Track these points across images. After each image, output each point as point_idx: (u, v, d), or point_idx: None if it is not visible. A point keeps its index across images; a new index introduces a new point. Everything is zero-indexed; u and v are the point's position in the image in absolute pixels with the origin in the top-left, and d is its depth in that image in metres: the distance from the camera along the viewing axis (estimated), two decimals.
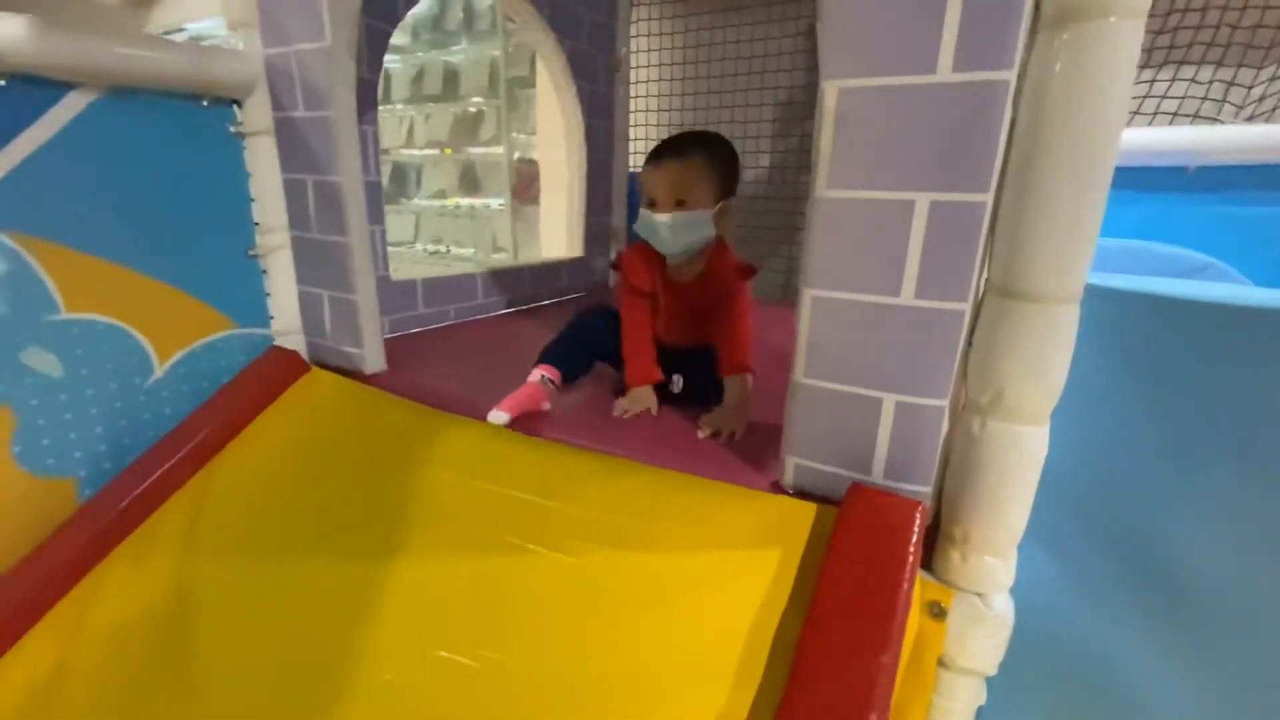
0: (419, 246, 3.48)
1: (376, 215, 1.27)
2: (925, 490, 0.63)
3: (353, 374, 1.10)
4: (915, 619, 0.62)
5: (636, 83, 2.01)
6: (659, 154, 0.94)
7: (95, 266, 0.91)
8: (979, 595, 0.61)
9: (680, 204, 0.92)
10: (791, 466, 0.70)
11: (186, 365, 1.04)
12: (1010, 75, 0.50)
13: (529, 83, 2.70)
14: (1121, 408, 0.71)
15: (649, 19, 1.92)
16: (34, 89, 0.81)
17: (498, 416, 0.90)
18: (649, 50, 1.95)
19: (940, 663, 0.63)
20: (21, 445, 0.87)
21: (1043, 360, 0.54)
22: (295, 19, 0.97)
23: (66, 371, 0.90)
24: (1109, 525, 0.72)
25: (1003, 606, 0.61)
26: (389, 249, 1.37)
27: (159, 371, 1.00)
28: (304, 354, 1.14)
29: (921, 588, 0.62)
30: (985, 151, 0.52)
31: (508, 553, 0.74)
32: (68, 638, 0.79)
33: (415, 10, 3.14)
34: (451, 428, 0.90)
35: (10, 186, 0.81)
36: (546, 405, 0.96)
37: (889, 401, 0.62)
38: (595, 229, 2.00)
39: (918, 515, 0.59)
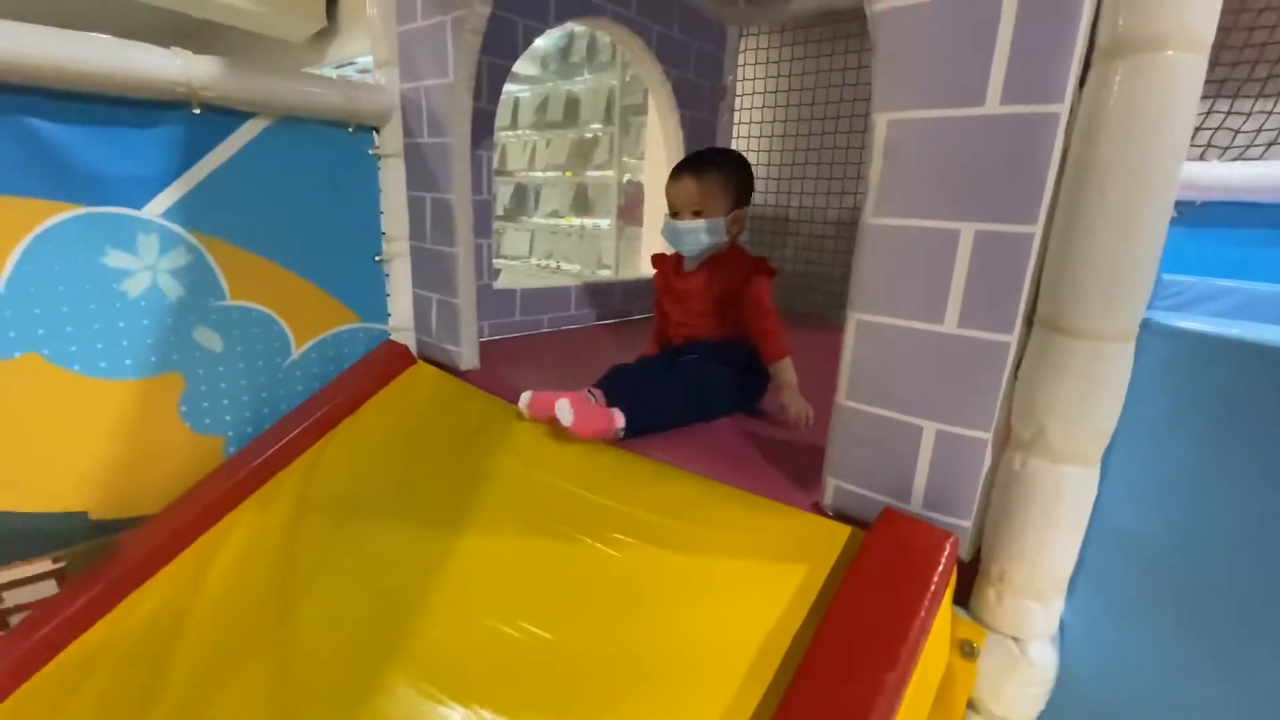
0: (532, 261, 3.71)
1: (484, 230, 1.41)
2: (964, 524, 0.62)
3: (450, 369, 1.23)
4: (945, 654, 0.60)
5: (740, 110, 2.05)
6: (680, 171, 1.09)
7: (255, 262, 1.09)
8: (1015, 639, 0.59)
9: (698, 214, 1.06)
10: (832, 488, 0.71)
11: (317, 351, 1.21)
12: (1060, 109, 0.50)
13: (641, 110, 2.83)
14: (1222, 469, 0.64)
15: (757, 48, 1.96)
16: (221, 117, 1.00)
17: (564, 417, 0.90)
18: (754, 79, 1.99)
19: (972, 706, 0.61)
20: (187, 406, 1.06)
21: (1087, 399, 0.52)
22: (426, 58, 1.12)
23: (225, 348, 1.08)
24: (1201, 599, 0.66)
25: (1041, 655, 0.58)
26: (506, 261, 1.51)
27: (295, 354, 1.18)
28: (412, 348, 1.29)
29: (954, 624, 0.61)
30: (1033, 183, 0.52)
31: (558, 540, 0.80)
32: (201, 570, 0.95)
33: (545, 44, 3.40)
34: (524, 423, 0.99)
35: (198, 195, 1.01)
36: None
37: (929, 429, 0.62)
38: None
39: (947, 545, 0.58)
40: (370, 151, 1.20)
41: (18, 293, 0.87)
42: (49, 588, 0.96)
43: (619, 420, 0.92)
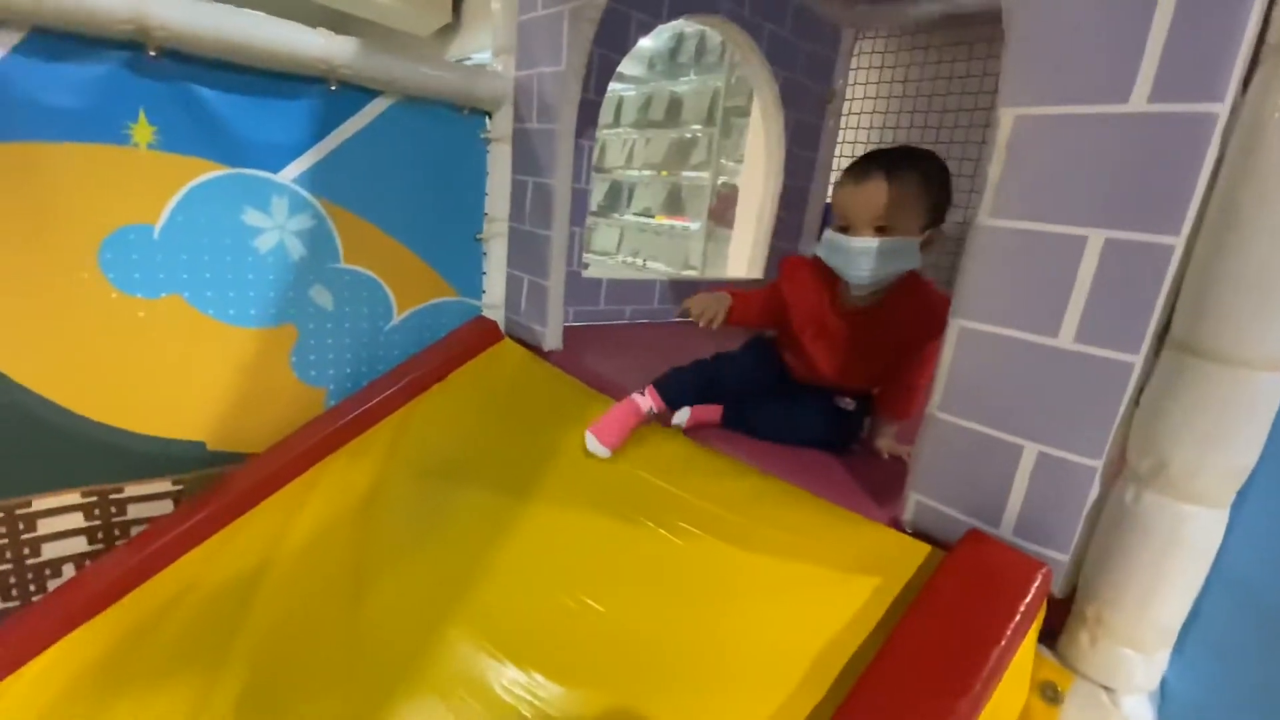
0: (619, 257, 3.76)
1: (579, 218, 1.44)
2: (1060, 557, 0.57)
3: (534, 348, 1.26)
4: (1023, 694, 0.56)
5: (849, 114, 1.99)
6: (863, 170, 0.80)
7: (368, 230, 1.17)
8: (1106, 689, 0.53)
9: (882, 230, 0.79)
10: (913, 503, 0.68)
11: (416, 319, 1.28)
12: (1220, 109, 0.45)
13: (744, 112, 2.80)
14: None
15: (872, 52, 1.90)
16: (353, 93, 1.08)
17: (598, 449, 0.90)
18: (866, 84, 1.92)
19: None
20: (297, 357, 1.15)
21: (1223, 432, 0.46)
22: (542, 46, 1.16)
23: (336, 307, 1.17)
24: None
25: (1136, 711, 0.53)
26: (594, 256, 1.54)
27: (396, 320, 1.25)
28: (501, 325, 1.34)
29: (1038, 664, 0.56)
30: (1180, 190, 0.47)
31: (624, 522, 0.80)
32: (293, 510, 1.03)
33: (654, 45, 3.44)
34: (597, 404, 1.00)
35: (327, 165, 1.09)
36: (649, 405, 0.92)
37: (1030, 451, 0.57)
38: (780, 255, 2.02)
39: (1038, 576, 0.54)
40: (481, 135, 1.26)
41: (169, 240, 0.98)
42: (166, 506, 1.07)
43: (643, 406, 0.91)
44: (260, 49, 0.95)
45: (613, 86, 3.69)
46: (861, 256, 0.79)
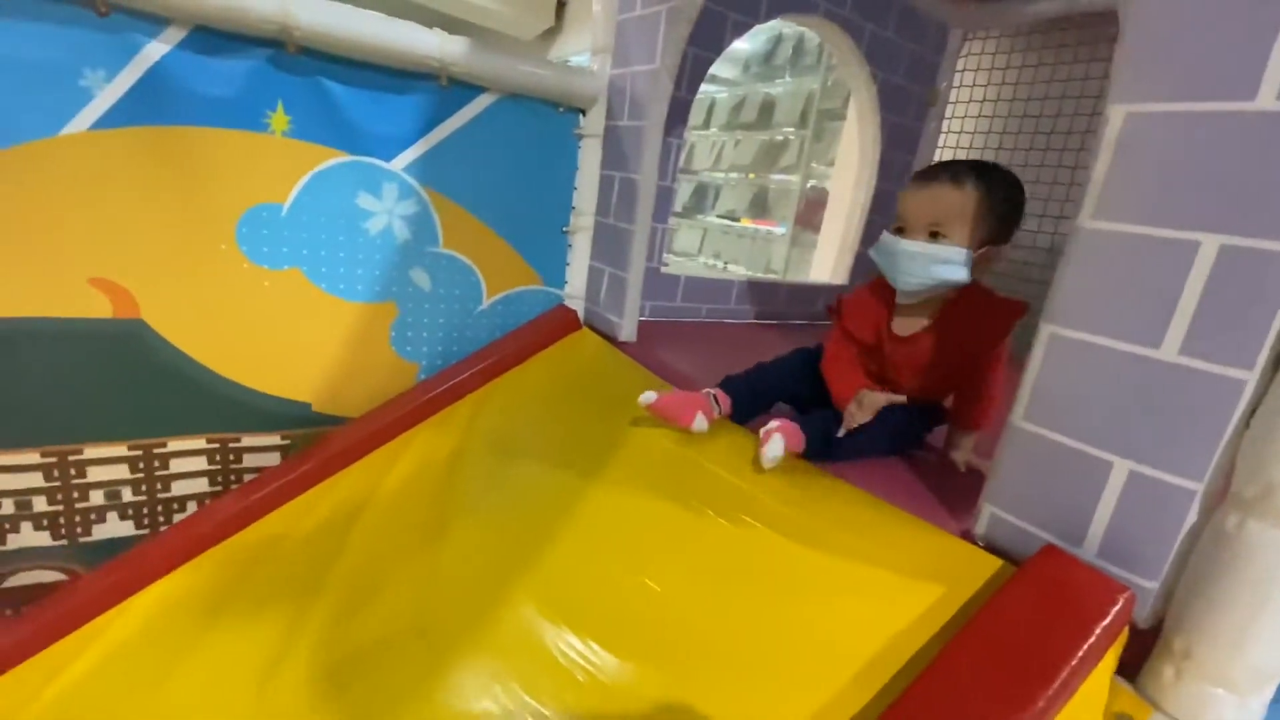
0: (701, 259, 3.77)
1: (661, 214, 1.47)
2: (1148, 584, 0.53)
3: (609, 338, 1.30)
4: None
5: (952, 118, 1.91)
6: (930, 174, 0.81)
7: (465, 218, 1.25)
8: None
9: (935, 235, 0.78)
10: (987, 516, 0.65)
11: (503, 304, 1.34)
12: None
13: (839, 115, 2.74)
14: None
15: (981, 53, 1.81)
16: (461, 89, 1.15)
17: (647, 397, 0.92)
18: (972, 86, 1.84)
19: None
20: (396, 332, 1.24)
21: None
22: (638, 45, 1.19)
23: (432, 289, 1.25)
24: None
25: None
26: (675, 257, 1.57)
27: (484, 304, 1.32)
28: (580, 315, 1.38)
29: (1114, 694, 0.53)
30: None
31: (687, 510, 0.82)
32: (381, 473, 1.11)
33: (750, 48, 3.42)
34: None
35: (433, 155, 1.17)
36: (701, 422, 0.90)
37: (1121, 468, 0.54)
38: (868, 260, 1.96)
39: (1120, 600, 0.50)
40: (575, 131, 1.31)
41: (294, 219, 1.08)
42: (274, 458, 1.18)
43: (700, 423, 0.90)
44: (383, 47, 1.04)
45: (706, 89, 3.71)
46: (908, 260, 0.79)
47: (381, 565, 0.92)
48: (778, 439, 0.79)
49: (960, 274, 0.79)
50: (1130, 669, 0.54)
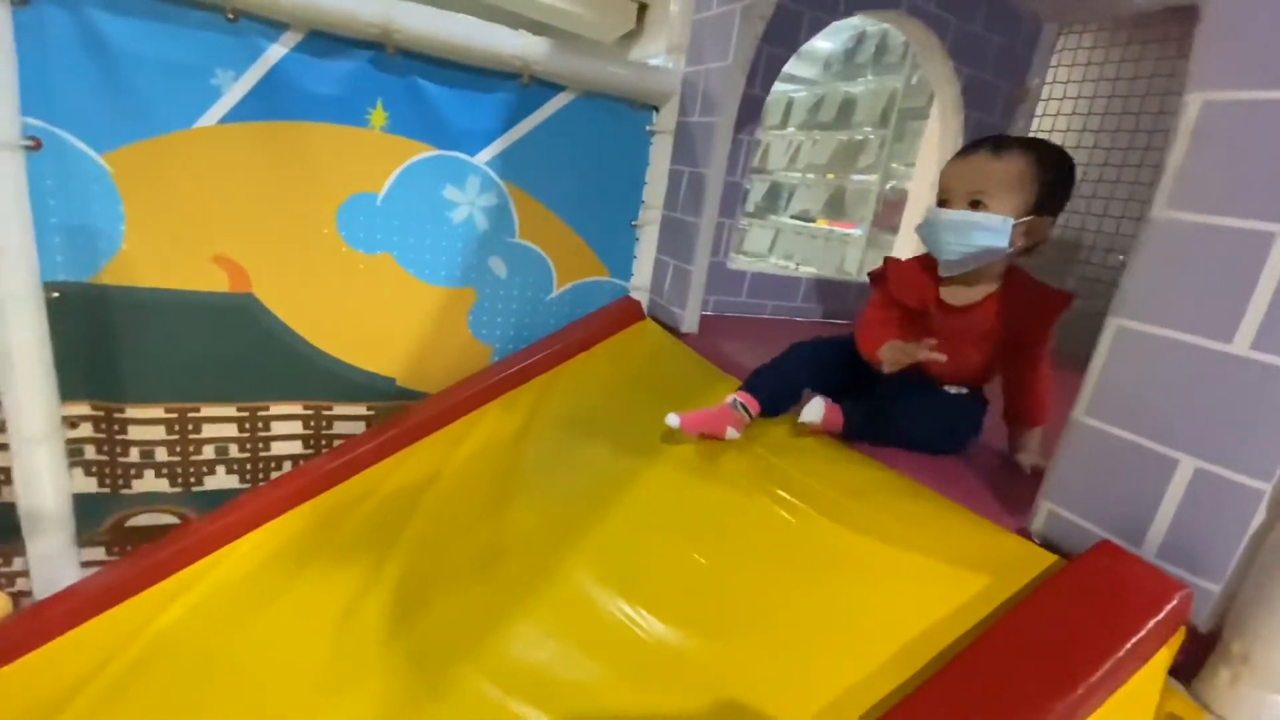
0: (771, 259, 3.73)
1: (729, 210, 1.49)
2: (1210, 587, 0.51)
3: (671, 329, 1.33)
4: None
5: (1041, 116, 1.83)
6: (971, 147, 0.82)
7: (540, 211, 1.31)
8: None
9: (976, 205, 0.78)
10: (1044, 513, 0.64)
11: (571, 294, 1.40)
12: None
13: (921, 114, 2.65)
14: None
15: (1077, 48, 1.72)
16: (541, 88, 1.22)
17: (672, 420, 0.91)
18: (1066, 82, 1.75)
19: None
20: (473, 316, 1.32)
21: None
22: (712, 44, 1.22)
23: (508, 276, 1.32)
24: None
25: None
26: (745, 257, 1.58)
27: (555, 293, 1.39)
28: (644, 306, 1.42)
29: (1166, 696, 0.52)
30: None
31: (735, 491, 0.84)
32: (453, 445, 1.19)
33: (831, 46, 3.36)
34: (724, 384, 1.05)
35: (513, 150, 1.24)
36: (733, 433, 0.91)
37: (1187, 466, 0.52)
38: None
39: (1175, 598, 0.49)
40: (647, 128, 1.35)
41: (387, 207, 1.18)
42: (359, 427, 1.29)
43: (731, 435, 0.91)
44: (472, 47, 1.12)
45: (783, 88, 3.68)
46: (949, 229, 0.79)
47: (452, 526, 0.99)
48: (817, 401, 0.84)
49: (1000, 241, 0.77)
50: (1187, 672, 0.52)
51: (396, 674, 0.75)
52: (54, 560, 1.10)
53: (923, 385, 0.89)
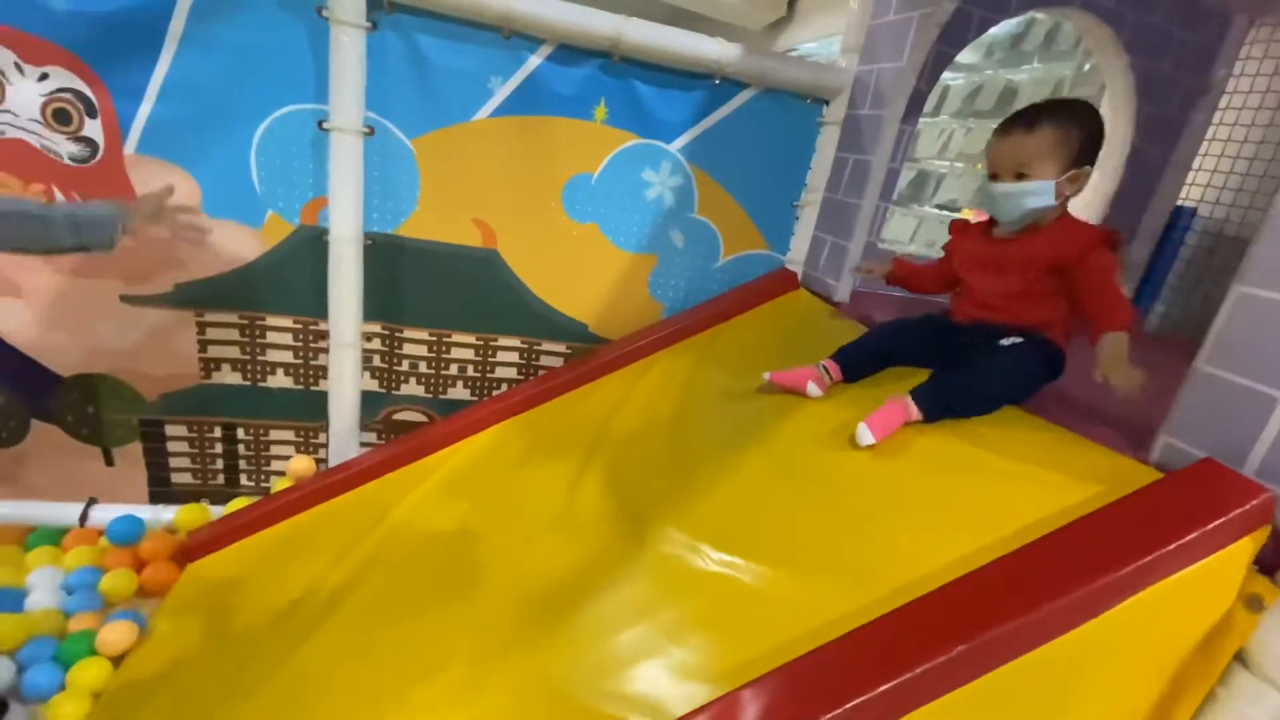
0: (911, 247, 3.72)
1: (886, 194, 1.63)
2: None
3: (824, 298, 1.52)
4: (1225, 600, 0.66)
5: (1226, 109, 1.77)
6: (1007, 126, 0.97)
7: (716, 190, 1.54)
8: None
9: (1021, 176, 0.94)
10: (1161, 445, 0.77)
11: (734, 263, 1.63)
12: None
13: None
14: None
15: (1270, 40, 1.66)
16: (730, 86, 1.44)
17: (765, 376, 1.15)
18: (1255, 75, 1.69)
19: (1242, 660, 0.65)
20: (653, 279, 1.59)
21: None
22: (887, 46, 1.38)
23: (684, 246, 1.57)
24: None
25: None
26: (885, 246, 1.72)
27: (720, 262, 1.62)
28: (799, 278, 1.61)
29: (1250, 580, 0.65)
30: None
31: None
32: (630, 383, 1.44)
33: (996, 31, 3.28)
34: None
35: (700, 139, 1.48)
36: (814, 389, 1.09)
37: None
38: None
39: (1258, 498, 0.63)
40: (817, 120, 1.53)
41: (599, 186, 1.46)
42: (559, 361, 1.60)
43: (813, 390, 1.10)
44: (678, 53, 1.36)
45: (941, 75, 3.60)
46: (1004, 200, 0.97)
47: (637, 437, 1.26)
48: (862, 430, 0.92)
49: (1049, 200, 0.95)
50: (1273, 567, 0.65)
51: (612, 522, 1.02)
52: (344, 438, 1.51)
53: (982, 344, 0.99)
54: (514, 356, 1.57)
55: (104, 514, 1.35)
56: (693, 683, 0.72)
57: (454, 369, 1.55)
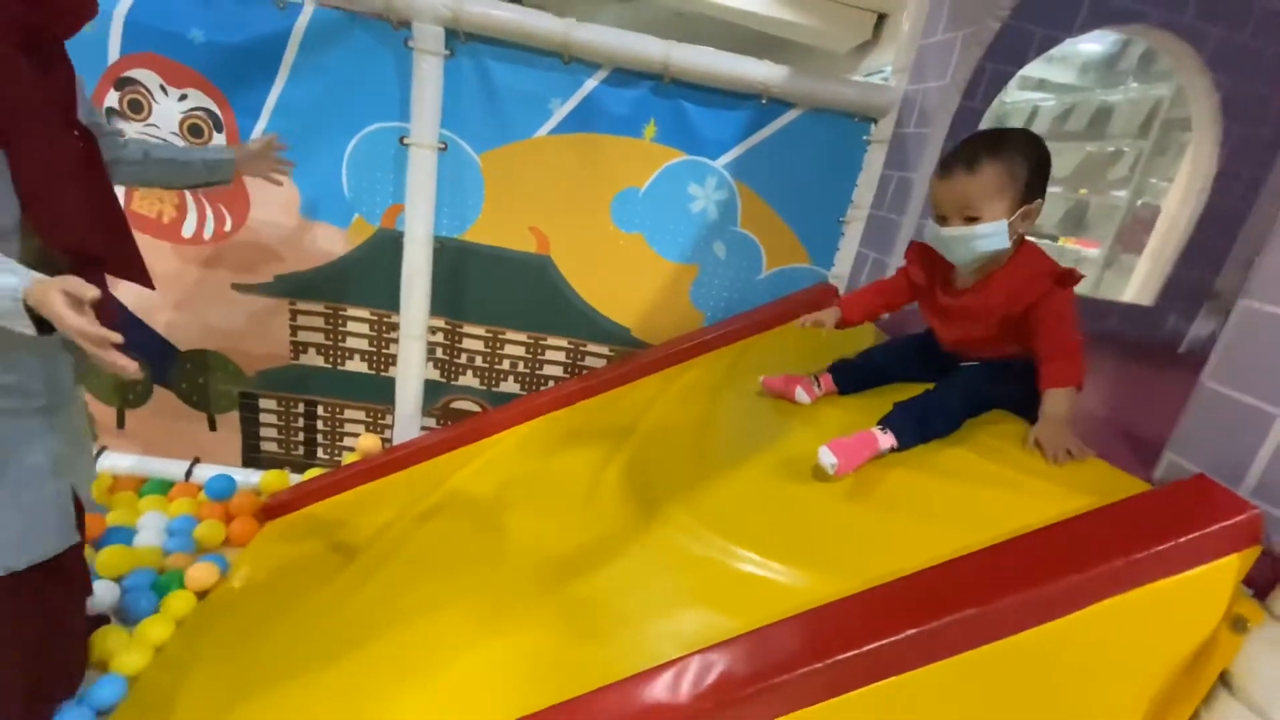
0: None
1: (926, 210, 1.62)
2: None
3: None
4: (1212, 619, 0.64)
5: None
6: (947, 166, 0.89)
7: (760, 205, 1.59)
8: None
9: (971, 220, 0.87)
10: (1166, 462, 0.76)
11: (777, 276, 1.66)
12: None
13: (1189, 126, 2.41)
14: None
15: None
16: (776, 106, 1.50)
17: (761, 379, 1.21)
18: None
19: (1227, 683, 0.63)
20: (694, 288, 1.65)
21: None
22: (933, 65, 1.39)
23: (726, 258, 1.63)
24: None
25: None
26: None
27: (763, 274, 1.66)
28: (840, 291, 1.63)
29: (1237, 600, 0.63)
30: None
31: None
32: (664, 386, 1.50)
33: (1090, 51, 3.14)
34: None
35: (745, 156, 1.54)
36: (802, 395, 1.15)
37: None
38: (1181, 283, 1.80)
39: (1244, 514, 0.61)
40: (864, 138, 1.56)
41: (646, 199, 1.55)
42: (601, 362, 1.69)
43: (801, 396, 1.14)
44: (725, 75, 1.44)
45: (1028, 96, 3.49)
46: (955, 244, 0.91)
47: (667, 431, 1.32)
48: (824, 452, 0.91)
49: (1003, 242, 0.88)
50: (1264, 590, 0.63)
51: (629, 504, 1.09)
52: (407, 421, 1.66)
53: (949, 367, 1.03)
54: (561, 356, 1.68)
55: (204, 472, 1.57)
56: (670, 644, 0.77)
57: (506, 364, 1.68)
